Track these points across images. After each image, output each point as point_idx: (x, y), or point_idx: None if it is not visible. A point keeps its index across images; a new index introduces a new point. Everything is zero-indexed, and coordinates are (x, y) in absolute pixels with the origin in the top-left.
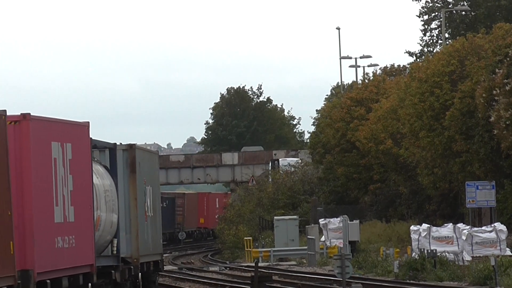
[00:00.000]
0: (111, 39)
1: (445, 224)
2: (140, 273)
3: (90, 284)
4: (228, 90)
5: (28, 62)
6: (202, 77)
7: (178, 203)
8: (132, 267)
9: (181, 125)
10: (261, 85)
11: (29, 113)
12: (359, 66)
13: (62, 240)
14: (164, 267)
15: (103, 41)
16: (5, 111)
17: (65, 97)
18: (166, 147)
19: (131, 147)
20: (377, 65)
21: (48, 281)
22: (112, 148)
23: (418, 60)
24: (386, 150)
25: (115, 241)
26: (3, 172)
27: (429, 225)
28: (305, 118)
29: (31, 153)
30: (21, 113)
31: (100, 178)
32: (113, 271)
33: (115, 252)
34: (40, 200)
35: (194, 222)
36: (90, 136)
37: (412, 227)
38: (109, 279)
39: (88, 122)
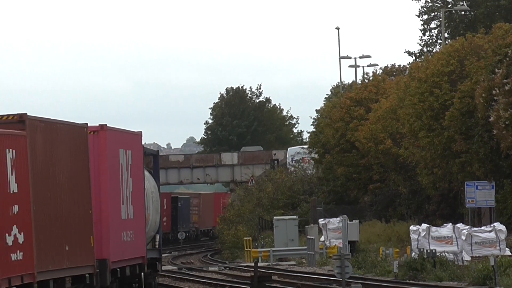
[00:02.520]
0: (110, 39)
1: (445, 224)
2: None
3: (142, 274)
4: (228, 90)
5: (22, 63)
6: (202, 77)
7: (194, 203)
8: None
9: (180, 125)
10: (260, 85)
11: (106, 124)
12: (358, 66)
13: (126, 234)
14: (164, 266)
15: (102, 42)
16: (86, 124)
17: (63, 97)
18: (165, 147)
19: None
20: (377, 65)
21: (118, 269)
22: (155, 155)
23: (417, 60)
24: (386, 150)
25: (157, 236)
26: (85, 176)
27: (428, 225)
28: (304, 118)
29: (107, 159)
30: (99, 124)
31: (147, 181)
32: (157, 263)
33: (157, 246)
34: (113, 199)
35: (209, 222)
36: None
37: (412, 227)
38: (154, 269)
39: (141, 132)
